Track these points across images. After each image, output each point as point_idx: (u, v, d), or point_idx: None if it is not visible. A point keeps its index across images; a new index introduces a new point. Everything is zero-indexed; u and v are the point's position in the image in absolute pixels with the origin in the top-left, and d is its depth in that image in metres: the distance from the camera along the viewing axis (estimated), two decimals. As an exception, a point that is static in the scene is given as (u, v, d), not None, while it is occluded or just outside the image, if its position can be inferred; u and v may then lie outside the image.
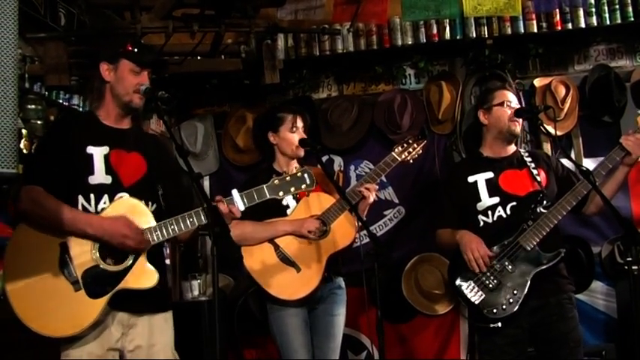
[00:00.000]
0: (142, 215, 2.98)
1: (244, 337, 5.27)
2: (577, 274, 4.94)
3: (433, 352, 5.34)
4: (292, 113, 4.07)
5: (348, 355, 5.37)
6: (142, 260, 2.94)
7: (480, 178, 3.85)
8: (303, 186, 3.03)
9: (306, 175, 3.04)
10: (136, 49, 3.12)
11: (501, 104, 3.87)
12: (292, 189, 3.03)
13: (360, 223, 3.68)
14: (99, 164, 3.03)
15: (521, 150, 3.95)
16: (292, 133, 4.00)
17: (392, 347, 5.22)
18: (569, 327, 3.66)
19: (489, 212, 3.79)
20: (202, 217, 2.91)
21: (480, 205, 3.81)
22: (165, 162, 3.24)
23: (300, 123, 4.04)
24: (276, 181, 3.03)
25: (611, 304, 5.16)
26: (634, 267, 3.09)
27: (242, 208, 3.00)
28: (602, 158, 3.84)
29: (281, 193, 3.03)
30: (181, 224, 2.95)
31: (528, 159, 3.86)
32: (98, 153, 3.04)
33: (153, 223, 2.96)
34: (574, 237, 5.01)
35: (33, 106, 4.81)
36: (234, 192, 3.01)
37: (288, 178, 3.03)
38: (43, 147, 3.22)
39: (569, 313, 3.68)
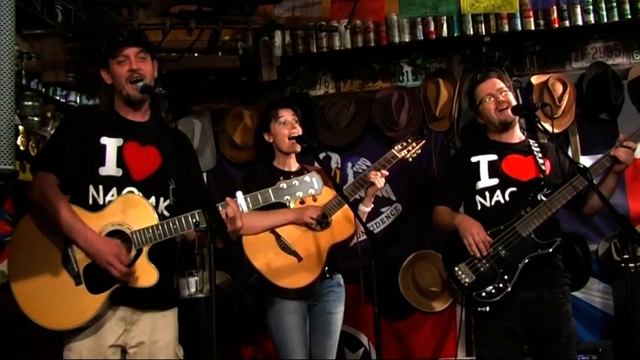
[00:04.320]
0: (144, 213, 2.97)
1: (241, 334, 5.27)
2: (574, 271, 4.95)
3: (430, 349, 5.35)
4: (276, 107, 4.11)
5: (345, 352, 5.37)
6: (144, 258, 2.93)
7: (483, 159, 3.88)
8: (311, 191, 2.94)
9: (314, 180, 2.95)
10: (111, 43, 3.12)
11: (482, 101, 3.92)
12: (299, 193, 2.94)
13: (358, 220, 3.69)
14: (111, 156, 3.04)
15: (531, 140, 3.97)
16: (280, 125, 4.01)
17: (389, 344, 5.24)
18: (562, 322, 3.68)
19: (487, 194, 3.80)
20: (197, 223, 2.86)
21: (478, 185, 3.83)
22: (182, 156, 3.19)
23: (284, 114, 4.04)
24: (282, 185, 2.95)
25: (607, 302, 5.16)
26: (631, 265, 3.10)
27: (246, 210, 2.95)
28: (599, 156, 3.85)
29: (287, 198, 2.94)
30: (184, 224, 2.92)
31: (536, 149, 3.88)
32: (112, 144, 3.06)
33: (154, 221, 2.95)
34: (571, 234, 5.01)
35: (30, 103, 4.82)
36: (239, 194, 2.96)
37: (295, 182, 2.94)
38: (58, 135, 3.23)
39: (562, 308, 3.70)
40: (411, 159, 4.08)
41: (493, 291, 3.63)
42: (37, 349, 3.40)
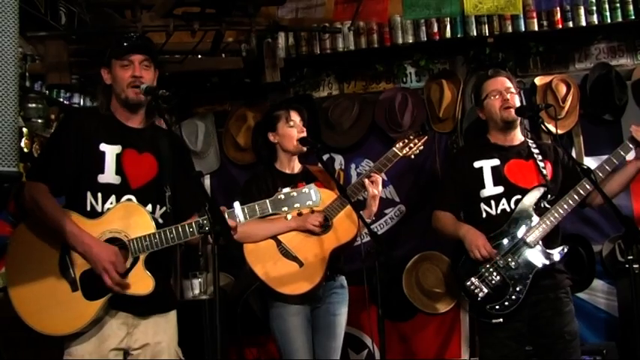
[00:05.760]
0: (142, 221, 2.97)
1: (245, 336, 5.27)
2: (578, 272, 4.95)
3: (434, 350, 5.34)
4: (285, 109, 4.09)
5: (349, 353, 5.37)
6: (140, 266, 2.93)
7: (486, 165, 3.86)
8: (309, 202, 2.95)
9: (312, 192, 2.96)
10: (117, 45, 3.12)
11: (488, 96, 3.90)
12: (297, 205, 2.95)
13: (361, 221, 3.67)
14: (110, 163, 3.04)
15: (530, 141, 3.95)
16: (290, 128, 4.01)
17: (393, 346, 5.22)
18: (566, 321, 3.70)
19: (493, 202, 3.79)
20: (202, 226, 2.82)
21: (483, 193, 3.82)
22: (178, 162, 3.21)
23: (295, 117, 4.04)
24: (280, 196, 2.95)
25: (612, 303, 5.15)
26: (635, 265, 3.09)
27: (242, 220, 2.95)
28: (603, 157, 3.84)
29: (284, 209, 2.94)
30: (181, 234, 2.93)
31: (535, 150, 3.87)
32: (110, 152, 3.05)
33: (152, 229, 2.95)
34: (575, 235, 5.00)
35: (34, 105, 4.82)
36: (236, 204, 2.97)
37: (293, 194, 2.95)
38: (53, 141, 3.22)
39: (565, 307, 3.72)
40: (413, 156, 4.04)
41: (506, 303, 3.64)
42: (40, 352, 3.39)
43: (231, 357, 5.34)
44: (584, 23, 5.21)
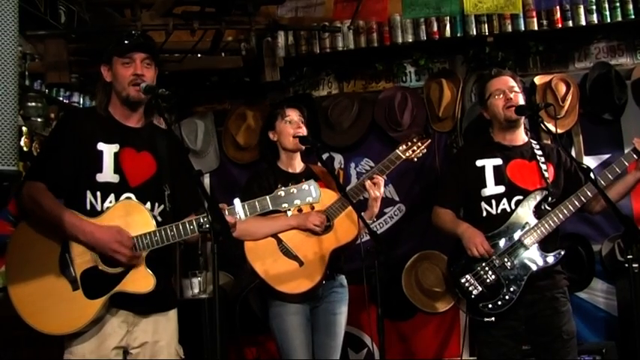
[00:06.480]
0: (142, 219, 2.97)
1: (245, 335, 5.27)
2: (577, 271, 4.96)
3: (433, 349, 5.34)
4: (282, 107, 4.09)
5: (349, 353, 5.37)
6: (141, 264, 2.93)
7: (488, 164, 3.85)
8: (309, 199, 2.96)
9: (312, 188, 2.97)
10: (119, 42, 3.10)
11: (491, 95, 3.89)
12: (297, 201, 2.96)
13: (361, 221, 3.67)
14: (108, 162, 3.03)
15: (533, 142, 3.95)
16: (286, 124, 4.00)
17: (392, 345, 5.22)
18: (563, 320, 3.70)
19: (493, 202, 3.79)
20: (201, 224, 2.81)
21: (485, 192, 3.82)
22: (176, 161, 3.21)
23: (291, 113, 4.03)
24: (280, 193, 2.96)
25: (611, 302, 5.16)
26: (634, 265, 3.09)
27: (243, 217, 2.95)
28: (602, 156, 3.83)
29: (284, 205, 2.96)
30: (181, 231, 2.93)
31: (539, 152, 3.86)
32: (108, 150, 3.05)
33: (152, 227, 2.95)
34: (574, 235, 5.01)
35: (33, 104, 4.82)
36: (237, 201, 2.97)
37: (293, 190, 2.96)
38: (51, 141, 3.21)
39: (562, 307, 3.72)
40: (416, 159, 4.02)
41: (499, 303, 3.65)
42: (40, 351, 3.39)
43: (230, 356, 5.34)
44: (583, 22, 5.22)
